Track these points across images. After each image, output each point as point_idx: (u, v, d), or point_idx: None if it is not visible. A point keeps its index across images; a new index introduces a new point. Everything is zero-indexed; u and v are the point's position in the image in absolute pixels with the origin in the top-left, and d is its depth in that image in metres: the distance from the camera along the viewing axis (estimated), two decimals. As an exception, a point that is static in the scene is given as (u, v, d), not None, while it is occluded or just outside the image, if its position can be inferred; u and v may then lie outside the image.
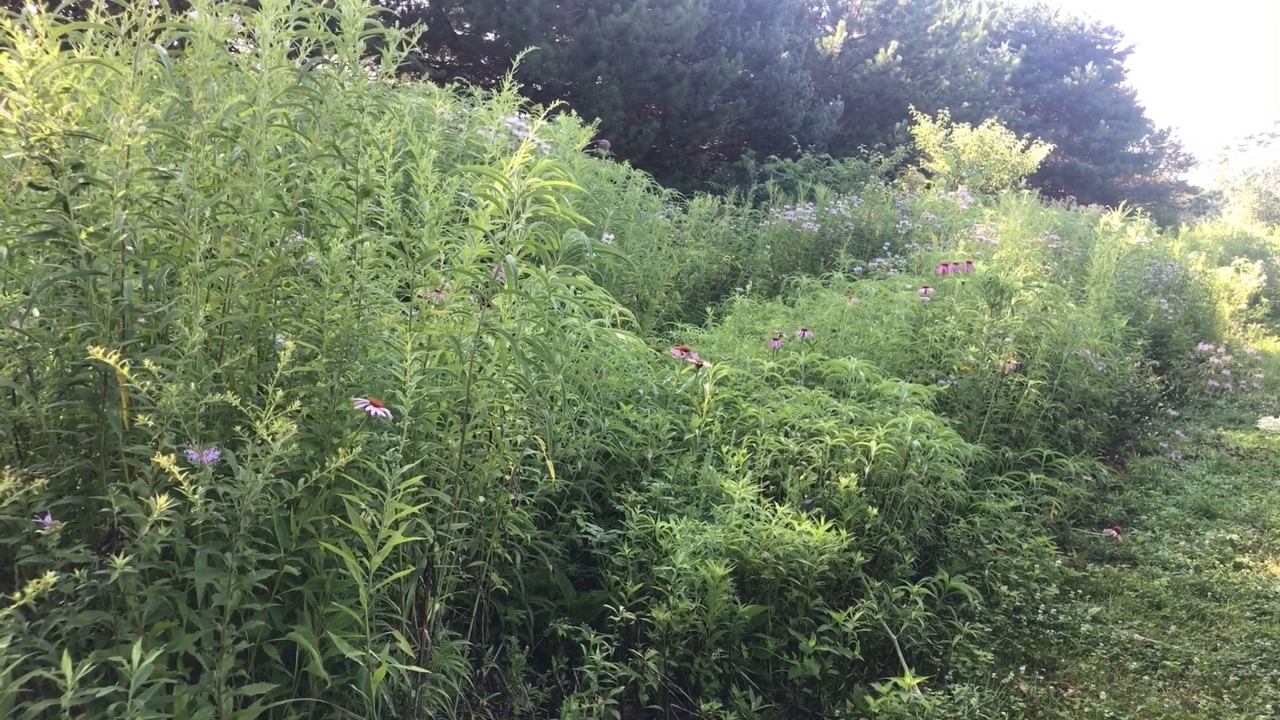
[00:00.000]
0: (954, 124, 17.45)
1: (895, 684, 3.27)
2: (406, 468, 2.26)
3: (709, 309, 6.88)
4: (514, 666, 3.05)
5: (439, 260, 2.85)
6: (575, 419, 3.78)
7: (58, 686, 1.77)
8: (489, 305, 2.78)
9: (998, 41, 30.38)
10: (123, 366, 1.99)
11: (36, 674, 1.83)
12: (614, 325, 4.37)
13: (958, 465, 4.48)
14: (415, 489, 2.44)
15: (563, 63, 16.66)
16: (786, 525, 3.49)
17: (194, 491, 1.98)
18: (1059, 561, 5.05)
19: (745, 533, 3.43)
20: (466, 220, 2.83)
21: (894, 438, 4.13)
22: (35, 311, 2.24)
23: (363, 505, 2.24)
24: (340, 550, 2.20)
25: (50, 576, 1.79)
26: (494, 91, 6.05)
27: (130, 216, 2.24)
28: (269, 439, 2.05)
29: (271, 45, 2.52)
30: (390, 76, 2.91)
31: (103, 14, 2.44)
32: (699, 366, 4.44)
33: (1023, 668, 3.94)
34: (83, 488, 2.23)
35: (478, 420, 2.78)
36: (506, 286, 2.75)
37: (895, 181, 17.21)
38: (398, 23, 2.89)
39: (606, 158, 8.73)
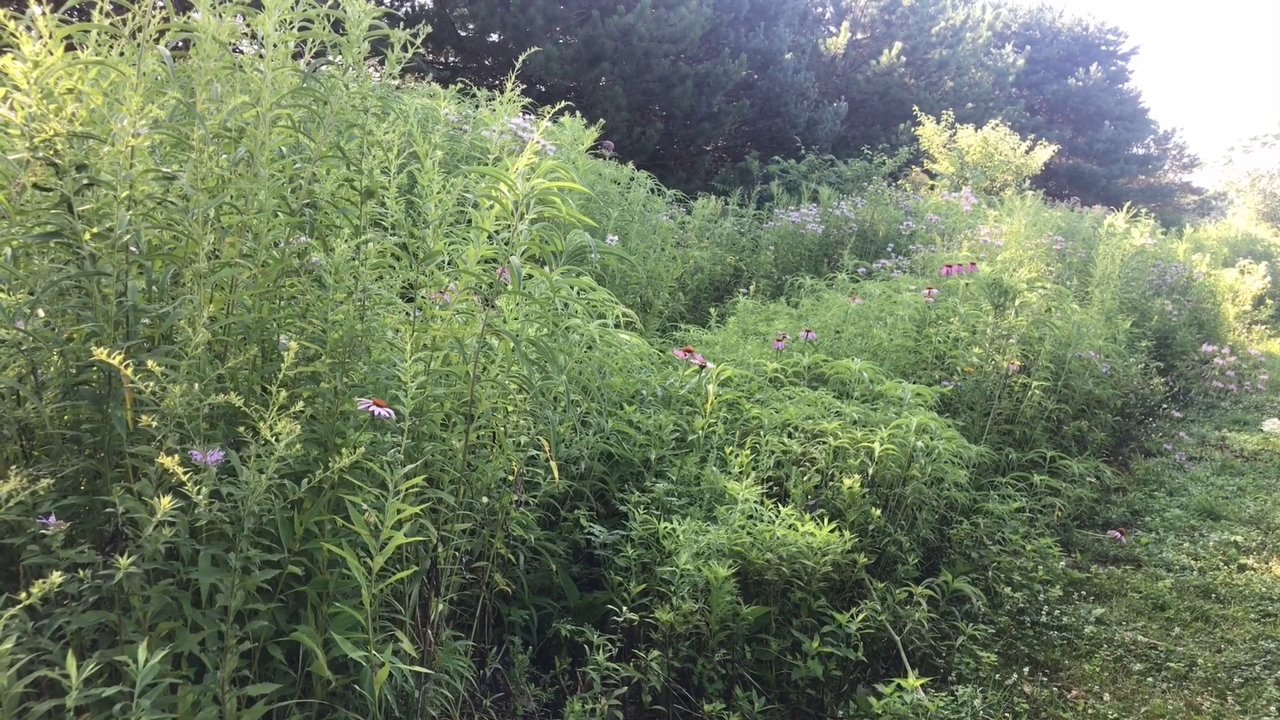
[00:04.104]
0: (958, 125, 17.43)
1: (899, 685, 3.27)
2: (409, 468, 2.26)
3: (712, 310, 6.88)
4: (517, 667, 3.05)
5: (443, 261, 2.85)
6: (578, 420, 3.78)
7: (62, 686, 1.77)
8: (493, 306, 2.78)
9: (1002, 43, 30.35)
10: (127, 367, 1.99)
11: (41, 674, 1.83)
12: (617, 326, 4.36)
13: (961, 466, 4.48)
14: (418, 489, 2.45)
15: (566, 64, 16.67)
16: (790, 526, 3.48)
17: (198, 492, 1.98)
18: (1063, 563, 5.04)
19: (748, 534, 3.43)
20: (470, 221, 2.83)
21: (897, 439, 4.12)
22: (40, 312, 2.25)
23: (365, 506, 2.24)
24: (343, 551, 2.21)
25: (55, 576, 1.80)
26: (498, 93, 6.06)
27: (134, 217, 2.24)
28: (272, 439, 2.05)
29: (275, 46, 2.53)
30: (394, 77, 2.91)
31: (107, 15, 2.44)
32: (702, 367, 4.43)
33: (1026, 669, 3.94)
34: (87, 488, 2.23)
35: (481, 421, 2.78)
36: (510, 287, 2.75)
37: (899, 183, 17.21)
38: (402, 24, 2.89)
39: (610, 159, 8.73)
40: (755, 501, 3.56)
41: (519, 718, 3.01)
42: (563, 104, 5.86)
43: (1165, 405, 9.05)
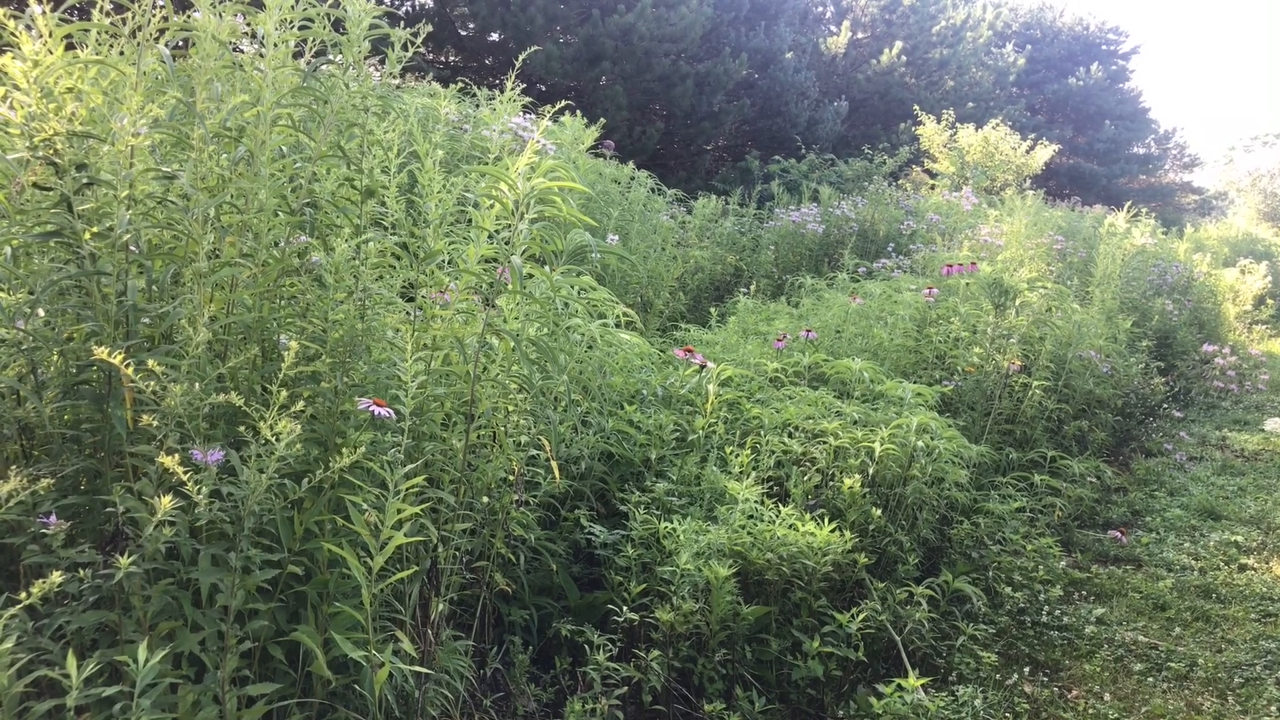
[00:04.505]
0: (958, 124, 17.43)
1: (899, 685, 3.26)
2: (409, 468, 2.26)
3: (713, 310, 6.88)
4: (517, 667, 3.05)
5: (443, 261, 2.85)
6: (579, 419, 3.78)
7: (63, 686, 1.77)
8: (493, 306, 2.78)
9: (1002, 42, 30.33)
10: (127, 366, 1.99)
11: (41, 673, 1.83)
12: (618, 326, 4.36)
13: (962, 466, 4.47)
14: (419, 489, 2.44)
15: (567, 63, 16.66)
16: (790, 526, 3.48)
17: (198, 491, 1.98)
18: (1063, 563, 5.04)
19: (749, 533, 3.42)
20: (471, 221, 2.83)
21: (898, 439, 4.12)
22: (40, 312, 2.25)
23: (365, 506, 2.24)
24: (343, 551, 2.20)
25: (55, 576, 1.80)
26: (498, 92, 6.06)
27: (134, 217, 2.24)
28: (273, 439, 2.05)
29: (276, 45, 2.53)
30: (395, 77, 2.91)
31: (107, 14, 2.44)
32: (703, 367, 4.43)
33: (1027, 669, 3.93)
34: (87, 488, 2.23)
35: (481, 421, 2.78)
36: (511, 287, 2.75)
37: (900, 182, 17.21)
38: (402, 23, 2.89)
39: (611, 158, 8.73)
40: (756, 501, 3.56)
41: (519, 717, 3.01)
42: (563, 103, 5.86)
43: (1166, 405, 9.05)
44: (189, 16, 2.47)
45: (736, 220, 10.72)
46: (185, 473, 1.95)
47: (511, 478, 3.06)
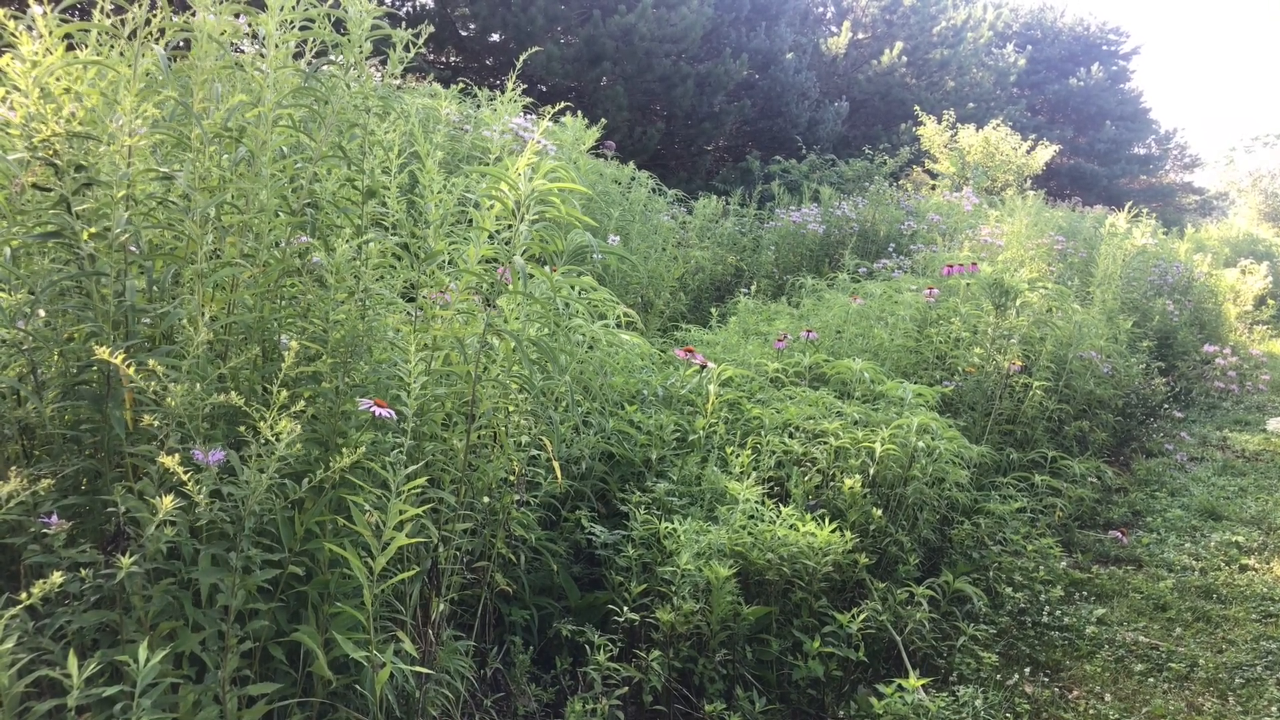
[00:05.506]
0: (959, 125, 17.43)
1: (899, 685, 3.26)
2: (411, 468, 2.26)
3: (713, 310, 6.88)
4: (518, 667, 3.05)
5: (444, 261, 2.85)
6: (580, 420, 3.78)
7: (64, 686, 1.77)
8: (494, 306, 2.78)
9: (1003, 42, 30.33)
10: (127, 367, 1.99)
11: (42, 673, 1.83)
12: (618, 326, 4.36)
13: (962, 467, 4.47)
14: (420, 489, 2.44)
15: (567, 63, 16.66)
16: (791, 526, 3.48)
17: (199, 491, 1.98)
18: (1064, 563, 5.03)
19: (749, 534, 3.42)
20: (471, 221, 2.83)
21: (899, 439, 4.12)
22: (40, 312, 2.25)
23: (367, 506, 2.24)
24: (345, 551, 2.20)
25: (56, 576, 1.80)
26: (499, 93, 6.06)
27: (134, 217, 2.24)
28: (273, 439, 2.05)
29: (277, 46, 2.53)
30: (396, 77, 2.91)
31: (107, 15, 2.44)
32: (703, 367, 4.43)
33: (1027, 669, 3.93)
34: (88, 488, 2.23)
35: (482, 421, 2.78)
36: (512, 287, 2.75)
37: (900, 182, 17.20)
38: (403, 24, 2.90)
39: (612, 159, 8.74)
40: (756, 501, 3.56)
41: (520, 718, 3.01)
42: (564, 104, 5.87)
43: (1166, 405, 9.04)
44: (188, 18, 2.48)
45: (737, 220, 10.71)
46: (186, 473, 1.95)
47: (512, 478, 3.06)
